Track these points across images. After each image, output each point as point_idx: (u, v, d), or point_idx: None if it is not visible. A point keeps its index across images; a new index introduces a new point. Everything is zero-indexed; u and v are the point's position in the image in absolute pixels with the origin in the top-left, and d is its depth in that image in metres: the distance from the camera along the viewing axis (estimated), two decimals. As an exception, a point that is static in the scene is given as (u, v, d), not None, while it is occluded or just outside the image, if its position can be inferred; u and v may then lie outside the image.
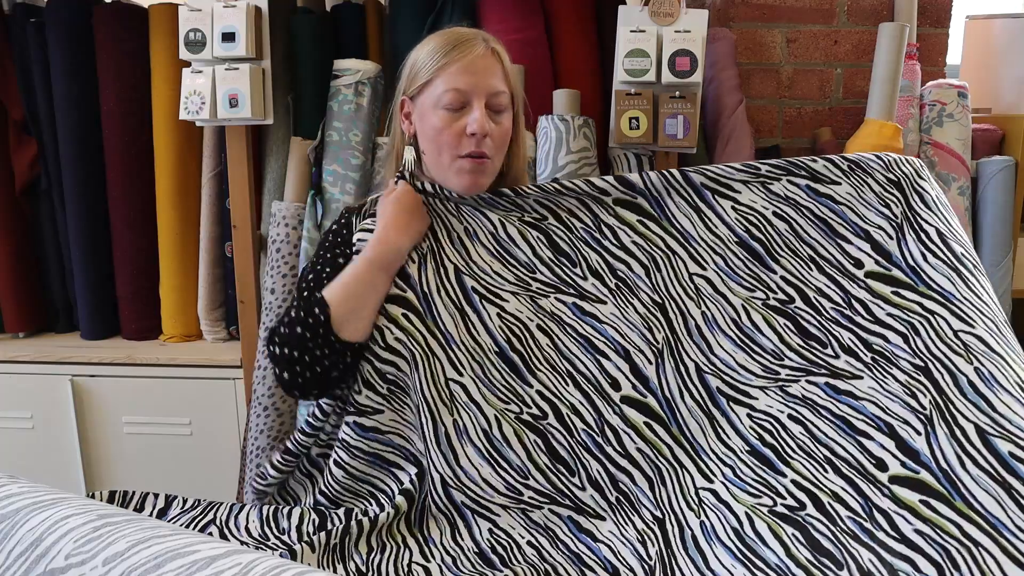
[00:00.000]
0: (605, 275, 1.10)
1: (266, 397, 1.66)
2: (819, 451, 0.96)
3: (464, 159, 1.11)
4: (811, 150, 1.90)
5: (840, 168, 1.06)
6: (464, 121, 1.10)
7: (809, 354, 1.02)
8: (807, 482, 0.94)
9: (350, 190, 1.65)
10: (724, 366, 1.05)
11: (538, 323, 1.09)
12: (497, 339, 1.08)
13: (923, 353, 0.95)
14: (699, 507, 0.99)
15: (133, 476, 1.84)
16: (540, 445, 1.05)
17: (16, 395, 1.83)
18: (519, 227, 1.12)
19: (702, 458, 1.02)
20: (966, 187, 1.71)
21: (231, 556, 0.64)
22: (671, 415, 1.05)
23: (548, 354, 1.08)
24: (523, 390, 1.07)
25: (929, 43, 1.86)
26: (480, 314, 1.08)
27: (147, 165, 1.84)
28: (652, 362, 1.06)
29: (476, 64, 1.10)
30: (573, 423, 1.06)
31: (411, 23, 1.71)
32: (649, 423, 1.05)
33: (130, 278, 1.89)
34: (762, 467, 0.98)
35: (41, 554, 0.67)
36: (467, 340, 1.07)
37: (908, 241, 1.02)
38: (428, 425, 1.05)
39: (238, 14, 1.55)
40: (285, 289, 1.66)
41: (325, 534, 1.01)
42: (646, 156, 1.64)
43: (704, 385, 1.05)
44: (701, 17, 1.55)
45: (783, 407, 1.00)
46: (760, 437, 1.00)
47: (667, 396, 1.05)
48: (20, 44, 1.85)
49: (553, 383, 1.07)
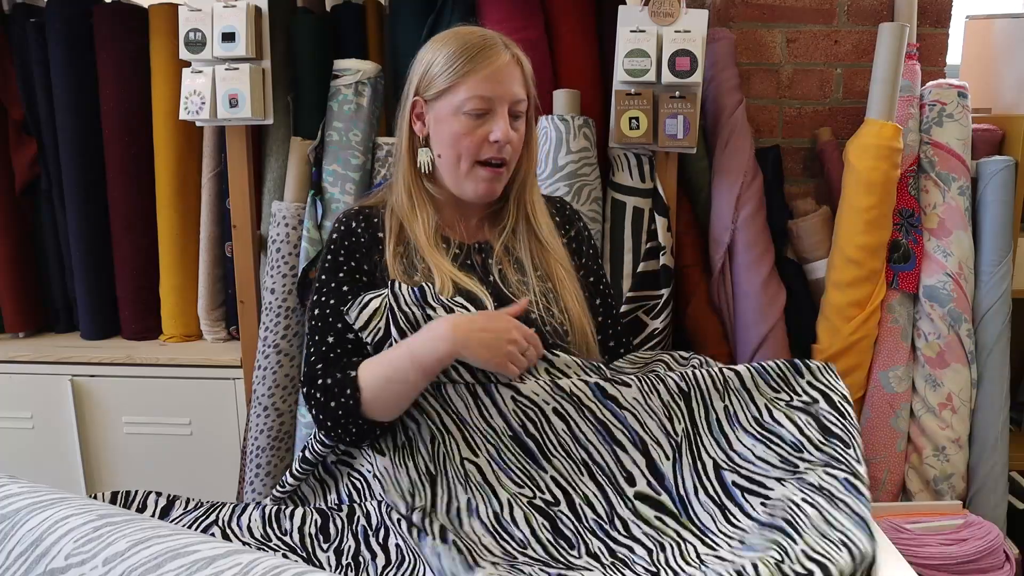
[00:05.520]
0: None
1: (266, 397, 1.66)
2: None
3: (483, 167, 1.11)
4: (811, 150, 1.90)
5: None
6: (487, 128, 1.10)
7: (826, 448, 1.03)
8: (822, 557, 0.89)
9: (350, 190, 1.65)
10: (741, 460, 1.06)
11: (554, 406, 1.06)
12: (511, 423, 1.05)
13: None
14: (699, 565, 0.97)
15: (133, 476, 1.84)
16: (547, 527, 1.03)
17: (16, 395, 1.83)
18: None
19: (712, 538, 1.01)
20: (966, 187, 1.71)
21: (231, 556, 0.64)
22: (682, 508, 1.04)
23: (564, 440, 1.06)
24: (538, 475, 1.05)
25: (929, 43, 1.85)
26: (494, 398, 1.06)
27: (147, 165, 1.84)
28: (669, 457, 1.05)
29: (502, 73, 1.10)
30: (584, 512, 1.04)
31: (411, 23, 1.71)
32: (660, 516, 1.03)
33: (130, 278, 1.89)
34: (774, 532, 0.95)
35: (41, 554, 0.67)
36: (480, 424, 1.06)
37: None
38: (442, 497, 1.05)
39: (238, 14, 1.55)
40: (285, 289, 1.66)
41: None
42: (646, 156, 1.64)
43: (720, 480, 1.05)
44: (701, 17, 1.55)
45: (798, 493, 0.99)
46: (771, 514, 0.99)
47: (681, 493, 1.04)
48: (20, 44, 1.85)
49: (568, 470, 1.05)
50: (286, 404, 1.68)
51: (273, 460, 1.68)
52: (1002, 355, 1.72)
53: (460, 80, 1.10)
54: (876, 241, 1.67)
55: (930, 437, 1.71)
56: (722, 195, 1.72)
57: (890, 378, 1.70)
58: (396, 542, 1.02)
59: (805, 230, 1.78)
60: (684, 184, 1.78)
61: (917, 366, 1.73)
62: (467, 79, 1.09)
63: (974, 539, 1.47)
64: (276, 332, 1.65)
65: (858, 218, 1.66)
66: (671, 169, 1.65)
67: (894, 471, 1.72)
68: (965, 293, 1.69)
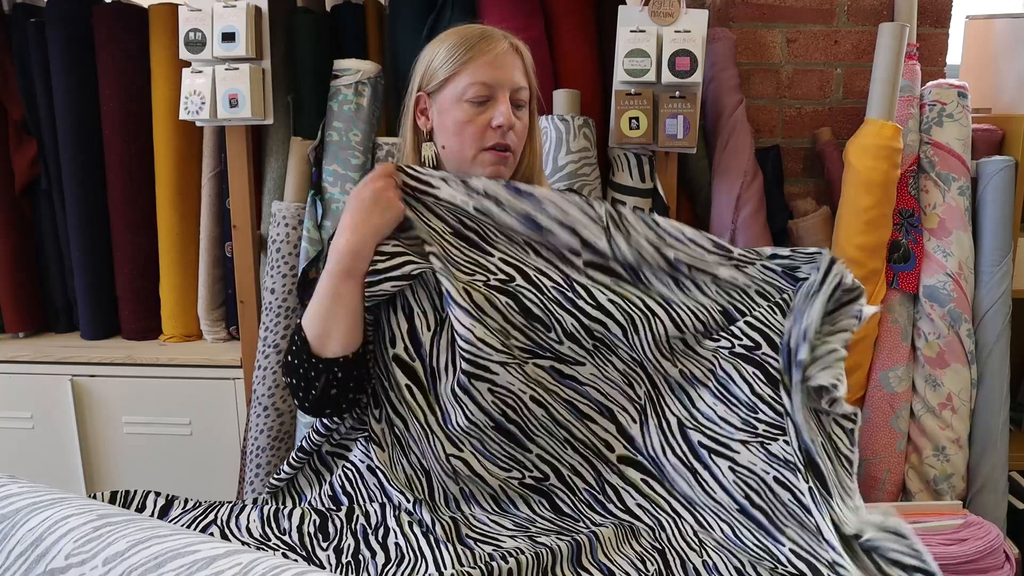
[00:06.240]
0: (581, 337, 1.06)
1: (266, 397, 1.66)
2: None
3: (488, 152, 1.12)
4: (811, 150, 1.90)
5: None
6: (489, 115, 1.11)
7: (777, 405, 1.03)
8: (805, 552, 0.96)
9: (350, 190, 1.65)
10: (705, 420, 1.06)
11: (531, 394, 1.07)
12: (492, 415, 1.06)
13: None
14: (700, 548, 1.01)
15: (133, 476, 1.84)
16: (544, 504, 1.07)
17: (16, 395, 1.83)
18: (485, 293, 1.05)
19: (703, 515, 1.04)
20: (966, 187, 1.71)
21: (231, 556, 0.64)
22: (660, 472, 1.07)
23: (544, 423, 1.08)
24: (524, 456, 1.07)
25: (929, 43, 1.86)
26: (472, 394, 1.04)
27: (147, 165, 1.84)
28: (636, 420, 1.08)
29: (501, 59, 1.12)
30: (574, 483, 1.07)
31: (411, 23, 1.71)
32: (647, 480, 1.07)
33: (130, 278, 1.89)
34: (758, 530, 1.01)
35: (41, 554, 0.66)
36: (464, 424, 1.06)
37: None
38: (439, 491, 1.07)
39: (238, 14, 1.55)
40: (285, 289, 1.66)
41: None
42: (646, 156, 1.64)
43: (686, 439, 1.06)
44: (701, 17, 1.55)
45: (767, 468, 1.01)
46: (747, 497, 1.02)
47: (652, 453, 1.07)
48: (20, 44, 1.85)
49: (551, 447, 1.08)
50: (286, 404, 1.68)
51: (273, 460, 1.68)
52: (1002, 355, 1.72)
53: (460, 68, 1.11)
54: (876, 241, 1.67)
55: (930, 437, 1.71)
56: (722, 195, 1.72)
57: (890, 378, 1.70)
58: (396, 541, 1.02)
59: (805, 230, 1.78)
60: (684, 184, 1.78)
61: (917, 366, 1.73)
62: (467, 66, 1.11)
63: (974, 539, 1.47)
64: (276, 332, 1.65)
65: (858, 218, 1.66)
66: (671, 169, 1.65)
67: (894, 471, 1.72)
68: (965, 293, 1.69)
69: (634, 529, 1.04)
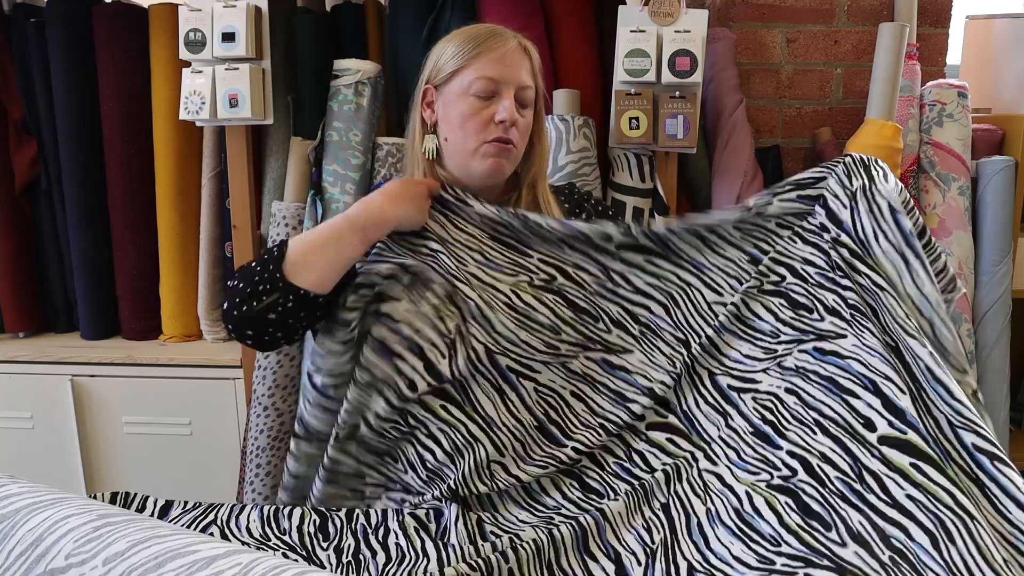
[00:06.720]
0: (627, 323, 1.12)
1: (266, 397, 1.66)
2: (808, 415, 0.95)
3: (490, 143, 1.13)
4: (811, 150, 1.90)
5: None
6: (493, 109, 1.12)
7: (796, 322, 1.03)
8: (799, 448, 0.94)
9: (350, 190, 1.65)
10: (732, 362, 1.06)
11: (572, 389, 1.10)
12: (536, 414, 1.09)
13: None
14: (705, 493, 1.00)
15: (133, 476, 1.84)
16: (575, 485, 1.08)
17: (16, 395, 1.83)
18: (533, 293, 1.11)
19: (712, 448, 1.04)
20: (966, 187, 1.71)
21: (231, 556, 0.64)
22: (690, 425, 1.07)
23: (584, 419, 1.10)
24: (560, 451, 1.08)
25: (929, 43, 1.86)
26: (518, 391, 1.09)
27: (147, 165, 1.84)
28: (671, 386, 1.08)
29: (509, 57, 1.13)
30: (605, 460, 1.08)
31: (411, 23, 1.71)
32: (672, 439, 1.06)
33: (130, 278, 1.89)
34: (763, 444, 0.99)
35: (41, 554, 0.66)
36: (508, 420, 1.08)
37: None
38: (472, 498, 1.07)
39: (238, 14, 1.55)
40: (285, 289, 1.66)
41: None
42: (646, 156, 1.64)
43: (716, 386, 1.06)
44: (701, 17, 1.56)
45: (780, 382, 1.01)
46: (762, 416, 1.01)
47: (685, 409, 1.07)
48: (20, 44, 1.85)
49: (588, 439, 1.09)
50: (286, 404, 1.68)
51: (273, 460, 1.68)
52: (1002, 355, 1.72)
53: (468, 63, 1.13)
54: (876, 241, 1.67)
55: (930, 437, 1.71)
56: (722, 195, 1.72)
57: (890, 378, 1.70)
58: (397, 541, 1.02)
59: (805, 230, 1.77)
60: (684, 184, 1.78)
61: (917, 366, 1.72)
62: (475, 61, 1.12)
63: (974, 539, 1.47)
64: (276, 332, 1.65)
65: (858, 218, 1.66)
66: (671, 169, 1.65)
67: (894, 471, 1.72)
68: (965, 293, 1.69)
69: (646, 488, 1.03)
